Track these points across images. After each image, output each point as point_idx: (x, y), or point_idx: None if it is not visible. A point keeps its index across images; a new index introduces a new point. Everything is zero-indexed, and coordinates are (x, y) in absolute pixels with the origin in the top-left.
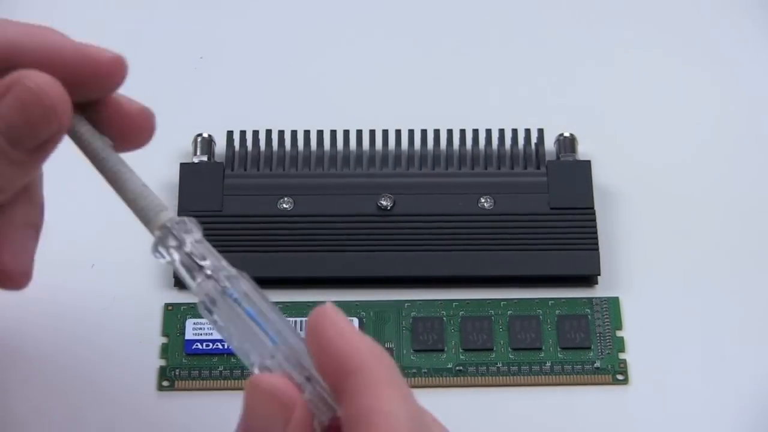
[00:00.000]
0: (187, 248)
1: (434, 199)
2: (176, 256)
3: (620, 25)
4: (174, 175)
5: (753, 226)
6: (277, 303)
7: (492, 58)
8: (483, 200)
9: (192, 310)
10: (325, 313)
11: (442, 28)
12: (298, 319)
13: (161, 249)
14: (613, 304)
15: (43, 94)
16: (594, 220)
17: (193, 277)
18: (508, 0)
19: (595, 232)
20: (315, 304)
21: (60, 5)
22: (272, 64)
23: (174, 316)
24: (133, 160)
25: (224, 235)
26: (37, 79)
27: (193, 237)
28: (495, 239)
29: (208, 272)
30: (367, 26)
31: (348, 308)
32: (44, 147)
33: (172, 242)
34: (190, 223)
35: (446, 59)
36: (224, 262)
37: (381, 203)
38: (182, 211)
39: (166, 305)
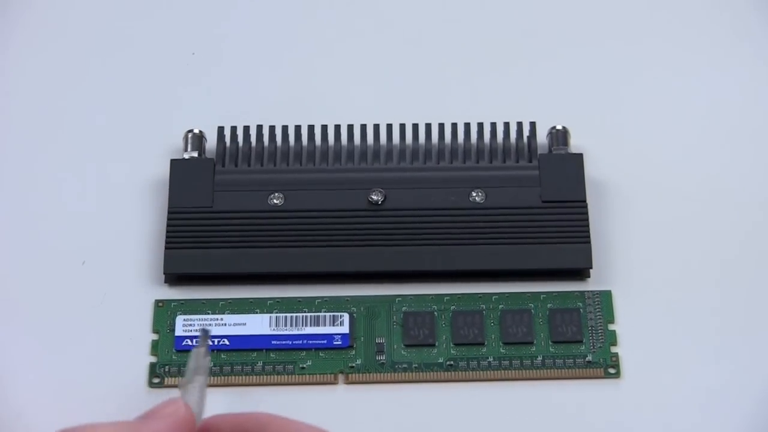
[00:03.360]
0: None
1: (425, 194)
2: None
3: (613, 19)
4: (164, 171)
5: (746, 220)
6: (267, 299)
7: (484, 52)
8: (474, 194)
9: (182, 307)
10: None
11: (433, 23)
12: (289, 315)
13: None
14: (605, 297)
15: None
16: (586, 213)
17: None
18: None
19: (587, 226)
20: (306, 299)
21: (54, 3)
22: (263, 61)
23: (164, 313)
24: (123, 156)
25: (215, 231)
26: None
27: None
28: (487, 233)
29: None
30: (357, 21)
31: (339, 304)
32: None
33: None
34: None
35: (437, 53)
36: None
37: (372, 198)
38: (173, 207)
39: (157, 302)
